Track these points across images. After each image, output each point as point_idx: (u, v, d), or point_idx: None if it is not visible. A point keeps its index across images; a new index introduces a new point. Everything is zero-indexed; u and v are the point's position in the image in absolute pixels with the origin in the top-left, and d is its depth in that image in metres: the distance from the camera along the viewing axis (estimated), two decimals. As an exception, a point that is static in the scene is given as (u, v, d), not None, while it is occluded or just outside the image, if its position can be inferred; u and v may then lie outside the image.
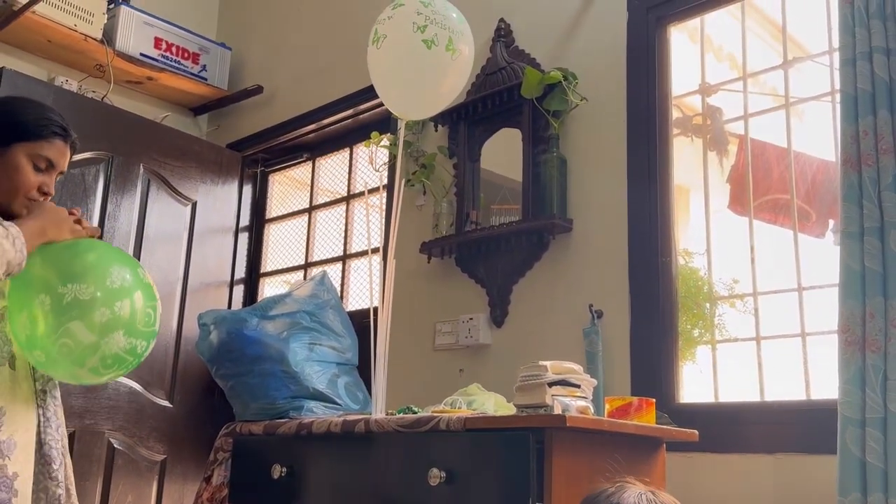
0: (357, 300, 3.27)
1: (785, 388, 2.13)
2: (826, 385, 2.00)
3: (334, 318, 2.30)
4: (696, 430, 1.86)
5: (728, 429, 2.07)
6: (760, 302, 2.19)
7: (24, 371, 1.55)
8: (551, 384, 1.72)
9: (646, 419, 1.78)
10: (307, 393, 2.13)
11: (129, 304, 1.51)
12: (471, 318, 2.69)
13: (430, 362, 2.82)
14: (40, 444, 1.56)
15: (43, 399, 1.58)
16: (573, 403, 1.72)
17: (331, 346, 2.26)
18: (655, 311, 2.28)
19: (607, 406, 1.85)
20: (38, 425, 1.56)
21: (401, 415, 1.89)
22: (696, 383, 2.33)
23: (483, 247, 2.67)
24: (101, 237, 1.67)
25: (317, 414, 2.10)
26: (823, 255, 2.27)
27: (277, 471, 1.97)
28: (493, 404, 2.01)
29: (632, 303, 2.33)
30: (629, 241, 2.37)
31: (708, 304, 2.35)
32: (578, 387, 1.76)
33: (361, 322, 2.47)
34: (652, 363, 2.25)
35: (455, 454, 1.68)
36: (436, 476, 1.65)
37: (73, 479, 1.65)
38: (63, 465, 1.60)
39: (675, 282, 2.31)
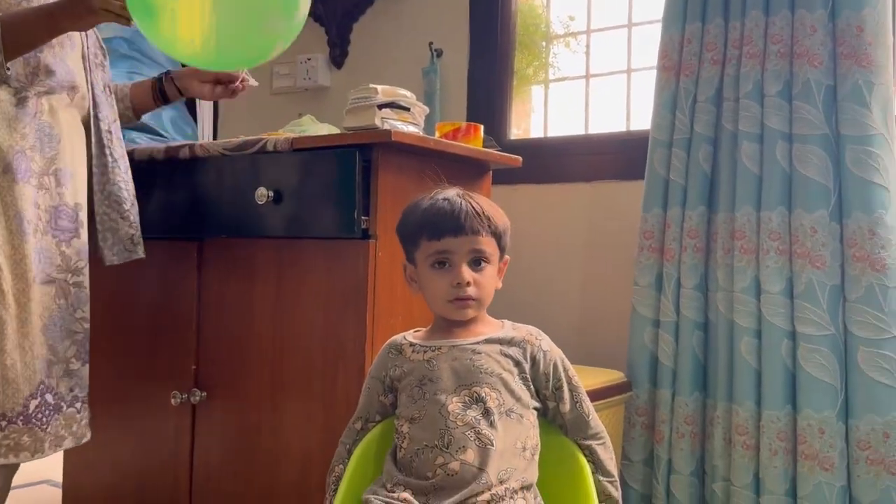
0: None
1: (610, 124, 2.22)
2: (645, 119, 2.10)
3: (155, 48, 2.13)
4: (519, 157, 1.91)
5: (551, 161, 2.16)
6: (593, 40, 2.22)
7: (81, 103, 1.49)
8: (381, 106, 1.71)
9: (473, 143, 1.82)
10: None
11: None
12: (309, 59, 2.59)
13: (267, 106, 2.73)
14: (106, 182, 1.53)
15: (109, 139, 1.54)
16: (404, 128, 1.72)
17: (153, 77, 2.10)
18: (493, 49, 2.27)
19: (437, 133, 1.87)
20: (106, 165, 1.53)
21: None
22: (528, 124, 2.39)
23: (322, -20, 2.52)
24: None
25: (139, 144, 2.00)
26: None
27: (99, 200, 1.89)
28: (325, 132, 1.98)
29: (471, 41, 2.30)
30: (471, -25, 2.29)
31: (544, 43, 2.35)
32: (409, 110, 1.76)
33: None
34: (487, 101, 2.28)
35: (283, 174, 1.66)
36: (263, 195, 1.64)
37: None
38: (134, 206, 1.58)
39: (515, 18, 2.28)
